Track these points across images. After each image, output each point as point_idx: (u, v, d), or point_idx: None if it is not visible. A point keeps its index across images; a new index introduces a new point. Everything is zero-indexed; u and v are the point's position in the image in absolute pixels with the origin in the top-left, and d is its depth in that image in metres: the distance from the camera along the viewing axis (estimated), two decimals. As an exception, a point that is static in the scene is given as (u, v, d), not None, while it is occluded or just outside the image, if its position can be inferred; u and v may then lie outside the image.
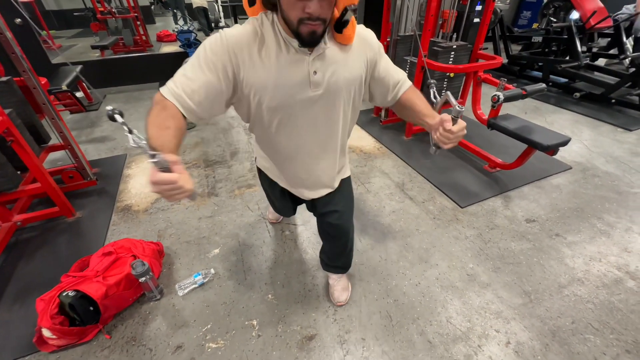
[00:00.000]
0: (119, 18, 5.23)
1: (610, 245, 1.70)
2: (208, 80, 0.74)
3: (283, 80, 0.79)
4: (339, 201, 1.14)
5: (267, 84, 0.79)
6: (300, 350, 1.25)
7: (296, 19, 0.70)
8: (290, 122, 0.89)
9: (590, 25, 3.59)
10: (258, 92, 0.80)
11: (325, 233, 1.25)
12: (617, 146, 2.64)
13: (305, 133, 0.93)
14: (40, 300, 1.25)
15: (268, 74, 0.78)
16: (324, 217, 1.16)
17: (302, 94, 0.82)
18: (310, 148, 0.98)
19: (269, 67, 0.77)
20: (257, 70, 0.77)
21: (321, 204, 1.14)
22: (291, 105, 0.84)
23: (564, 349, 1.24)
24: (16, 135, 1.58)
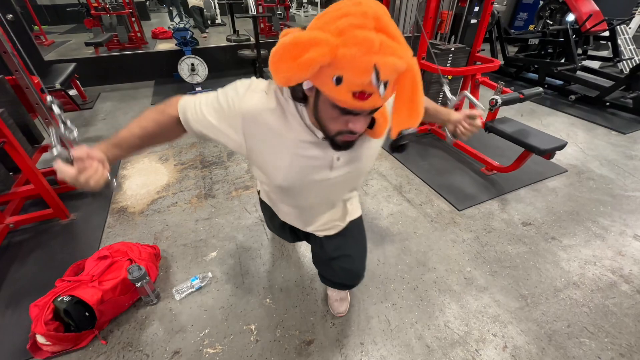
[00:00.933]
0: (113, 14, 5.14)
1: (605, 248, 1.72)
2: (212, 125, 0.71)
3: (300, 162, 0.73)
4: (352, 245, 1.08)
5: (279, 167, 0.73)
6: (298, 355, 1.25)
7: (335, 131, 0.63)
8: (302, 194, 0.86)
9: (586, 29, 3.63)
10: (266, 171, 0.76)
11: (334, 273, 1.14)
12: (611, 149, 2.67)
13: (315, 200, 0.90)
14: (34, 305, 1.23)
15: (283, 153, 0.71)
16: (335, 261, 1.08)
17: (320, 176, 0.77)
18: (319, 207, 0.96)
19: (286, 147, 0.71)
20: (271, 149, 0.71)
21: (332, 247, 1.06)
22: (305, 185, 0.80)
23: (560, 352, 1.26)
24: (8, 136, 1.54)
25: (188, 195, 2.10)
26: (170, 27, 4.94)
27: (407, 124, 0.59)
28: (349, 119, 0.60)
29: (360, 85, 0.51)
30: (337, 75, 0.50)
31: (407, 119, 0.58)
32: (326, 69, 0.51)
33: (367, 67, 0.49)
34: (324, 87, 0.54)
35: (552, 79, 3.85)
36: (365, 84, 0.50)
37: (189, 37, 3.65)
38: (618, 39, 3.86)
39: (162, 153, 2.59)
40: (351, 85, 0.51)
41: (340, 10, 0.51)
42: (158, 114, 0.73)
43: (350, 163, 0.78)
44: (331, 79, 0.51)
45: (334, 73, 0.50)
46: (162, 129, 0.73)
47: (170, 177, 2.30)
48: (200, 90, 3.71)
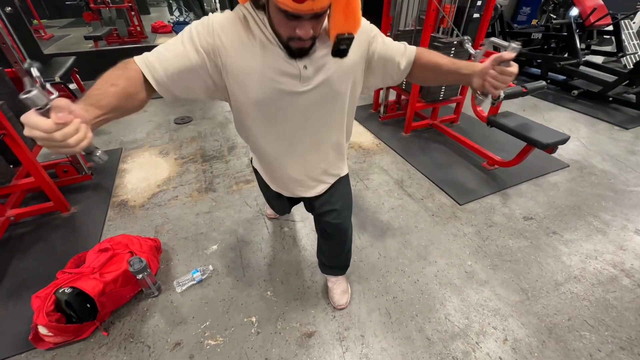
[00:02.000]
0: (112, 8, 5.11)
1: (606, 243, 1.72)
2: (186, 53, 0.69)
3: (270, 70, 0.73)
4: (337, 200, 1.11)
5: (252, 71, 0.73)
6: (299, 347, 1.25)
7: (285, 36, 0.67)
8: (279, 118, 0.83)
9: (590, 23, 3.59)
10: (243, 80, 0.74)
11: (324, 232, 1.21)
12: (613, 144, 2.65)
13: (296, 130, 0.87)
14: (36, 297, 1.23)
15: (252, 60, 0.72)
16: (322, 217, 1.14)
17: (291, 88, 0.76)
18: (302, 146, 0.92)
19: (254, 54, 0.72)
20: (241, 55, 0.72)
21: (319, 203, 1.12)
22: (279, 99, 0.78)
23: (560, 345, 1.26)
24: (8, 129, 1.54)
25: (189, 189, 2.10)
26: (170, 20, 4.91)
27: (345, 28, 0.64)
28: (295, 24, 0.63)
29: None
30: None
31: (344, 24, 0.64)
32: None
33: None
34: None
35: (554, 73, 3.82)
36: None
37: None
38: (622, 33, 3.82)
39: (163, 147, 2.59)
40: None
41: None
42: (122, 69, 0.66)
43: (318, 73, 0.76)
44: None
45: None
46: (132, 84, 0.65)
47: (170, 170, 2.29)
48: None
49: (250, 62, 0.73)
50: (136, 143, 2.65)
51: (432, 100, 2.64)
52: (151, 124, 2.96)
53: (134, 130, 2.84)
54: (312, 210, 1.19)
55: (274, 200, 1.28)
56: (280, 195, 1.17)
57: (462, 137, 2.54)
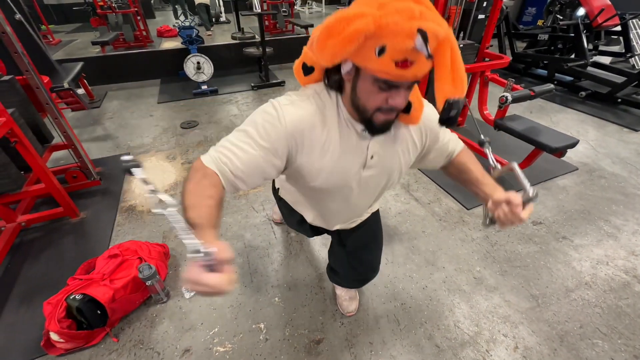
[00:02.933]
0: (119, 13, 5.17)
1: (618, 248, 1.70)
2: (256, 160, 0.66)
3: (340, 167, 0.74)
4: (370, 239, 1.11)
5: (323, 170, 0.74)
6: (308, 354, 1.25)
7: (373, 109, 0.63)
8: (329, 198, 0.87)
9: (598, 23, 3.55)
10: (310, 175, 0.75)
11: (350, 265, 1.16)
12: (623, 147, 2.62)
13: (345, 199, 0.89)
14: (48, 303, 1.25)
15: (327, 161, 0.72)
16: (353, 254, 1.12)
17: (355, 176, 0.78)
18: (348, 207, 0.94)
19: (329, 154, 0.71)
20: (316, 155, 0.71)
21: (350, 240, 1.10)
22: (341, 187, 0.80)
23: (572, 354, 1.24)
24: (19, 136, 1.56)
25: (196, 194, 2.11)
26: (176, 25, 4.95)
27: (452, 93, 0.57)
28: (389, 95, 0.60)
29: (403, 52, 0.52)
30: (380, 45, 0.52)
31: (451, 88, 0.57)
32: (369, 41, 0.52)
33: (410, 32, 0.50)
34: (366, 61, 0.55)
35: (562, 75, 3.78)
36: (409, 50, 0.51)
37: (195, 35, 3.65)
38: (630, 33, 3.77)
39: (170, 152, 2.60)
40: (394, 53, 0.52)
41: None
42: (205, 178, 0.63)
43: (381, 162, 0.78)
44: (374, 52, 0.53)
45: (377, 44, 0.52)
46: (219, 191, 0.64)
47: (177, 175, 2.31)
48: (206, 88, 3.71)
49: (323, 160, 0.72)
50: (143, 148, 2.67)
51: (438, 103, 2.62)
52: (157, 129, 2.98)
53: (141, 135, 2.86)
54: (342, 246, 1.15)
55: (294, 226, 1.22)
56: (303, 223, 1.12)
57: (468, 140, 2.52)
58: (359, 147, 0.73)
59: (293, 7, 6.44)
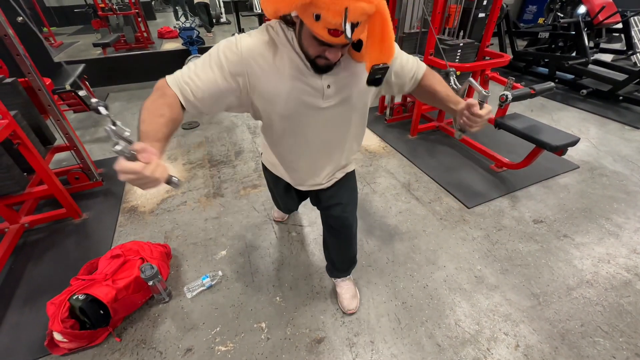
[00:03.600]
0: (120, 15, 5.19)
1: (619, 246, 1.69)
2: (215, 80, 0.73)
3: (296, 92, 0.79)
4: (343, 194, 1.15)
5: (279, 93, 0.79)
6: (309, 353, 1.26)
7: (314, 55, 0.72)
8: (299, 129, 0.90)
9: (599, 21, 3.54)
10: (269, 101, 0.81)
11: (329, 227, 1.24)
12: (624, 144, 2.61)
13: (313, 138, 0.94)
14: (51, 304, 1.26)
15: (280, 84, 0.78)
16: (328, 210, 1.17)
17: (314, 104, 0.83)
18: (317, 152, 1.00)
19: (282, 77, 0.77)
20: (270, 79, 0.77)
21: (325, 196, 1.15)
22: (302, 114, 0.85)
23: (574, 352, 1.24)
24: (22, 138, 1.57)
25: (197, 195, 2.12)
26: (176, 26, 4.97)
27: (379, 59, 0.66)
28: (325, 49, 0.69)
29: (334, 25, 0.60)
30: (316, 12, 0.60)
31: (378, 55, 0.66)
32: (308, 6, 0.59)
33: (339, 10, 0.57)
34: (306, 20, 0.63)
35: (562, 73, 3.77)
36: (338, 24, 0.59)
37: (195, 37, 3.67)
38: (632, 30, 3.75)
39: (171, 153, 2.62)
40: (327, 24, 0.60)
41: None
42: (160, 97, 0.71)
43: (339, 92, 0.83)
44: (312, 15, 0.60)
45: (314, 11, 0.59)
46: (173, 111, 0.71)
47: (179, 176, 2.32)
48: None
49: (278, 84, 0.78)
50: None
51: (439, 102, 2.62)
52: (159, 130, 2.99)
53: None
54: (318, 204, 1.22)
55: (282, 197, 1.30)
56: (289, 190, 1.21)
57: (469, 139, 2.52)
58: (314, 78, 0.78)
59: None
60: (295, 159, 1.03)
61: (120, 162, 0.55)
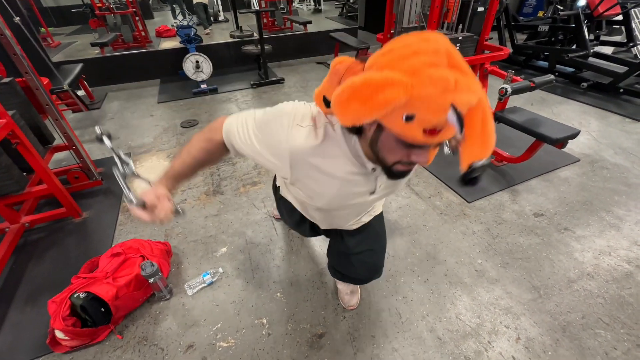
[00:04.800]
0: (117, 14, 5.17)
1: (620, 238, 1.69)
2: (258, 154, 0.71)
3: (343, 194, 0.75)
4: (374, 240, 1.10)
5: (324, 194, 0.76)
6: (310, 348, 1.26)
7: (393, 162, 0.61)
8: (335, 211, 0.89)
9: (599, 13, 3.51)
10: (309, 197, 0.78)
11: (353, 269, 1.15)
12: (625, 137, 2.60)
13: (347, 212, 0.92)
14: (52, 302, 1.26)
15: (328, 187, 0.74)
16: (356, 256, 1.10)
17: (360, 200, 0.80)
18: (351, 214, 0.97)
19: (332, 180, 0.72)
20: (317, 182, 0.73)
21: (353, 242, 1.08)
22: (344, 207, 0.83)
23: (575, 344, 1.24)
24: (21, 137, 1.57)
25: (197, 192, 2.12)
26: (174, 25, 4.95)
27: (479, 156, 0.56)
28: (411, 152, 0.58)
29: (434, 124, 0.50)
30: (409, 113, 0.49)
31: (479, 152, 0.56)
32: (398, 108, 0.49)
33: (444, 107, 0.47)
34: (392, 124, 0.52)
35: (563, 66, 3.75)
36: (440, 122, 0.50)
37: (193, 35, 3.65)
38: (632, 22, 3.73)
39: (170, 151, 2.61)
40: (424, 123, 0.50)
41: (409, 47, 0.50)
42: (206, 142, 0.75)
43: (389, 187, 0.82)
44: (401, 117, 0.50)
45: (406, 112, 0.49)
46: (211, 156, 0.77)
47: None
48: (205, 87, 3.72)
49: (325, 186, 0.74)
50: (144, 147, 2.69)
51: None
52: (158, 128, 2.99)
53: (142, 135, 2.87)
54: (344, 248, 1.13)
55: (295, 226, 1.22)
56: (304, 222, 1.13)
57: (469, 134, 2.51)
58: (369, 178, 0.75)
59: (291, 4, 6.41)
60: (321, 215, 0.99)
61: (132, 209, 0.67)
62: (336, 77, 0.59)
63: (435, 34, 0.52)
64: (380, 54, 0.53)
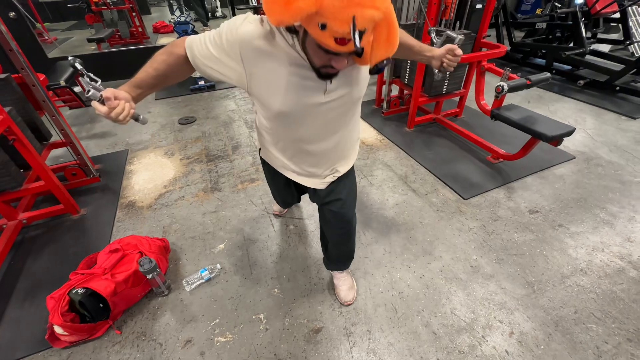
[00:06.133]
0: (114, 9, 5.13)
1: (613, 235, 1.71)
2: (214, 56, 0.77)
3: (294, 87, 0.79)
4: (342, 189, 1.13)
5: (277, 86, 0.78)
6: (307, 343, 1.27)
7: (319, 65, 0.70)
8: (300, 123, 0.90)
9: (596, 11, 3.52)
10: (267, 91, 0.80)
11: (328, 221, 1.22)
12: (620, 135, 2.62)
13: (316, 131, 0.94)
14: (51, 298, 1.27)
15: (278, 76, 0.77)
16: (327, 206, 1.15)
17: (314, 100, 0.82)
18: (320, 144, 0.99)
19: (280, 71, 0.76)
20: (268, 69, 0.76)
21: (324, 192, 1.13)
22: (302, 110, 0.84)
23: (567, 338, 1.27)
24: (17, 134, 1.57)
25: (195, 189, 2.13)
26: (171, 20, 4.91)
27: (383, 57, 0.66)
28: (331, 57, 0.66)
29: (341, 34, 0.57)
30: (322, 22, 0.57)
31: (384, 54, 0.66)
32: (313, 16, 0.56)
33: (347, 18, 0.55)
34: (311, 30, 0.60)
35: (560, 64, 3.76)
36: (346, 33, 0.57)
37: (190, 31, 3.63)
38: (629, 20, 3.74)
39: (168, 148, 2.61)
40: (333, 32, 0.57)
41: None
42: (166, 55, 0.80)
43: (342, 86, 0.84)
44: (317, 25, 0.57)
45: (320, 20, 0.57)
46: (172, 68, 0.81)
47: (176, 171, 2.32)
48: (203, 83, 3.70)
49: (275, 77, 0.77)
50: (142, 144, 2.68)
51: (435, 94, 2.62)
52: (156, 125, 2.99)
53: (140, 132, 2.87)
54: (317, 199, 1.20)
55: (281, 190, 1.30)
56: (288, 184, 1.21)
57: (465, 131, 2.53)
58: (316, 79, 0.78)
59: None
60: (296, 153, 1.02)
61: (93, 104, 0.69)
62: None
63: None
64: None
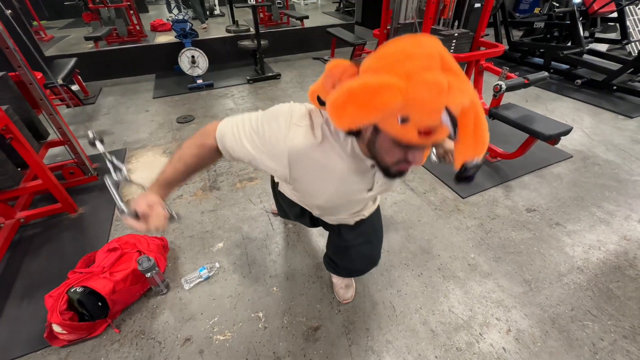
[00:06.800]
0: (111, 7, 5.09)
1: (610, 233, 1.72)
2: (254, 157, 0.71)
3: (343, 191, 0.77)
4: (371, 233, 1.11)
5: (324, 193, 0.77)
6: (306, 341, 1.28)
7: (391, 162, 0.63)
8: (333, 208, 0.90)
9: (594, 10, 3.53)
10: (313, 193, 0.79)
11: (352, 260, 1.16)
12: (617, 134, 2.63)
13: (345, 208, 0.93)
14: (49, 296, 1.27)
15: (327, 185, 0.75)
16: (354, 248, 1.11)
17: (357, 197, 0.81)
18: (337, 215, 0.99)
19: (331, 179, 0.73)
20: (316, 181, 0.74)
21: (351, 235, 1.08)
22: (341, 203, 0.83)
23: (563, 335, 1.28)
24: (15, 132, 1.56)
25: (193, 188, 2.12)
26: (169, 19, 4.89)
27: (472, 155, 0.59)
28: (407, 152, 0.60)
29: (429, 125, 0.52)
30: (403, 116, 0.51)
31: (472, 151, 0.58)
32: (394, 111, 0.51)
33: (438, 109, 0.49)
34: (388, 126, 0.54)
35: (558, 63, 3.77)
36: (436, 124, 0.51)
37: (189, 29, 3.62)
38: (627, 20, 3.76)
39: (166, 146, 2.61)
40: (418, 125, 0.52)
41: (402, 52, 0.51)
42: (197, 148, 0.74)
43: (386, 184, 0.83)
44: (396, 119, 0.52)
45: (401, 114, 0.51)
46: (203, 161, 0.76)
47: (174, 170, 2.31)
48: (201, 82, 3.69)
49: (324, 185, 0.75)
50: (140, 143, 2.68)
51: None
52: (154, 124, 2.98)
53: (137, 130, 2.86)
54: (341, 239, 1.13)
55: (296, 218, 1.23)
56: (304, 214, 1.14)
57: (464, 130, 2.53)
58: (366, 176, 0.76)
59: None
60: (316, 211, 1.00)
61: (125, 219, 0.68)
62: (331, 80, 0.60)
63: (428, 37, 0.53)
64: (374, 57, 0.54)
